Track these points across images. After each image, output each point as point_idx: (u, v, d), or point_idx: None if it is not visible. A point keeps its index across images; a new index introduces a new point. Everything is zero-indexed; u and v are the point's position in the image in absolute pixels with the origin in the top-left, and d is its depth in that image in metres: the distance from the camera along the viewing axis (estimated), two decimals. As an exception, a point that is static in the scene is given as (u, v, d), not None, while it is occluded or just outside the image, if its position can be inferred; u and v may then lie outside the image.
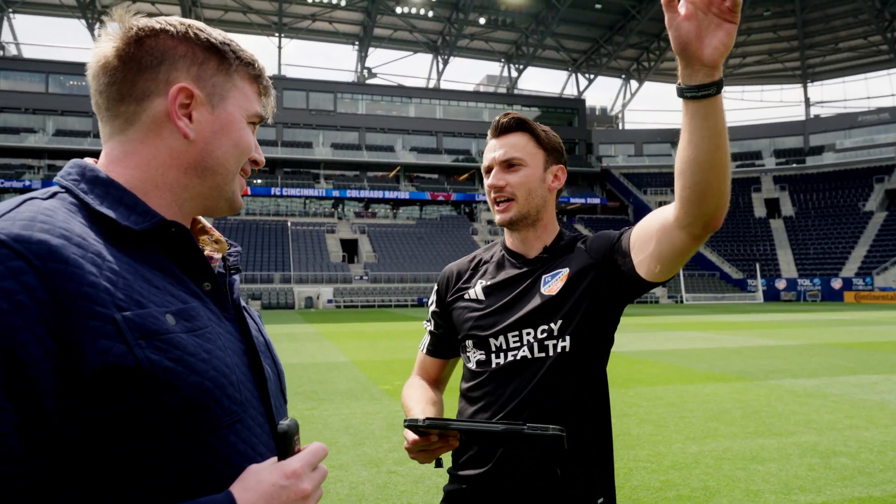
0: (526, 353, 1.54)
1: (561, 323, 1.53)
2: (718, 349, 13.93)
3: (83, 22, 50.79)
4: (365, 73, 59.01)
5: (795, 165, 60.07)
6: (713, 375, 9.95)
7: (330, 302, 39.87)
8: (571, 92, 64.96)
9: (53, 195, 0.85)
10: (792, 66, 62.89)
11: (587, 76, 63.75)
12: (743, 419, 6.79)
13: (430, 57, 60.58)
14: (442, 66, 59.97)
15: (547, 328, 1.54)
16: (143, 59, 0.89)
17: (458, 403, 1.68)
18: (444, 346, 1.77)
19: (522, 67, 61.59)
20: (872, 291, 42.91)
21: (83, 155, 0.95)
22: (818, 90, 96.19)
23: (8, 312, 0.69)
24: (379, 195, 54.71)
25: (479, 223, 55.66)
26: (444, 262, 46.57)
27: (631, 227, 1.51)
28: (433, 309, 1.78)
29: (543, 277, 1.60)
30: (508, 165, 1.60)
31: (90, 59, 0.91)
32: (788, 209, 56.08)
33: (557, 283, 1.58)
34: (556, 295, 1.55)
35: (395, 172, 57.69)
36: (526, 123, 1.63)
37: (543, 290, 1.58)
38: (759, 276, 46.66)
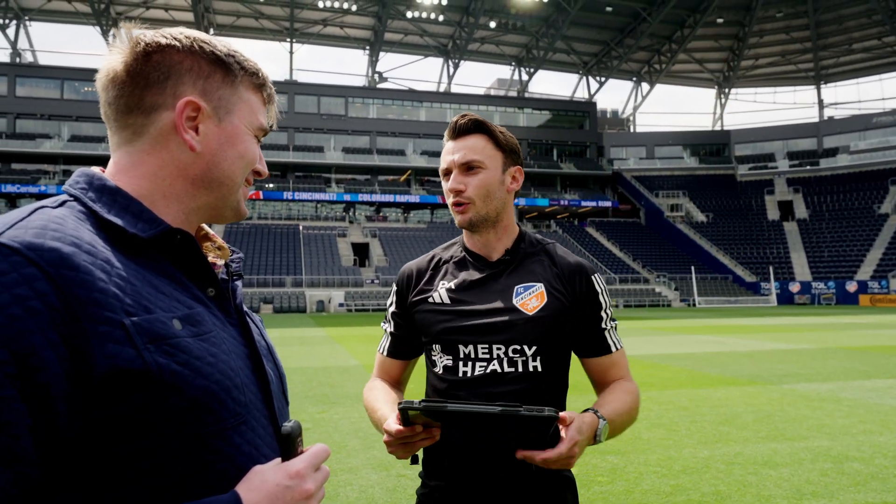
0: (496, 367, 1.53)
1: (536, 348, 1.54)
2: (731, 353, 13.83)
3: (97, 28, 51.40)
4: (376, 77, 59.24)
5: (809, 168, 59.55)
6: (725, 379, 9.88)
7: (341, 305, 39.96)
8: (582, 95, 64.87)
9: (62, 203, 0.87)
10: (805, 67, 62.42)
11: (598, 79, 63.62)
12: (755, 423, 6.74)
13: (440, 61, 60.73)
14: (452, 69, 60.10)
15: (519, 349, 1.54)
16: (150, 74, 0.91)
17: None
18: (404, 347, 1.74)
19: (533, 71, 61.56)
20: (888, 294, 42.41)
21: (98, 160, 0.97)
22: (832, 92, 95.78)
23: (21, 318, 0.71)
24: (390, 199, 54.83)
25: (490, 226, 55.53)
26: (455, 265, 46.52)
27: (611, 334, 1.65)
28: (393, 310, 1.75)
29: (516, 288, 1.59)
30: (468, 168, 1.58)
31: (100, 70, 0.94)
32: (802, 212, 55.60)
33: (532, 300, 1.57)
34: (532, 316, 1.54)
35: (406, 176, 57.81)
36: (484, 125, 1.61)
37: (516, 302, 1.57)
38: (772, 279, 46.28)
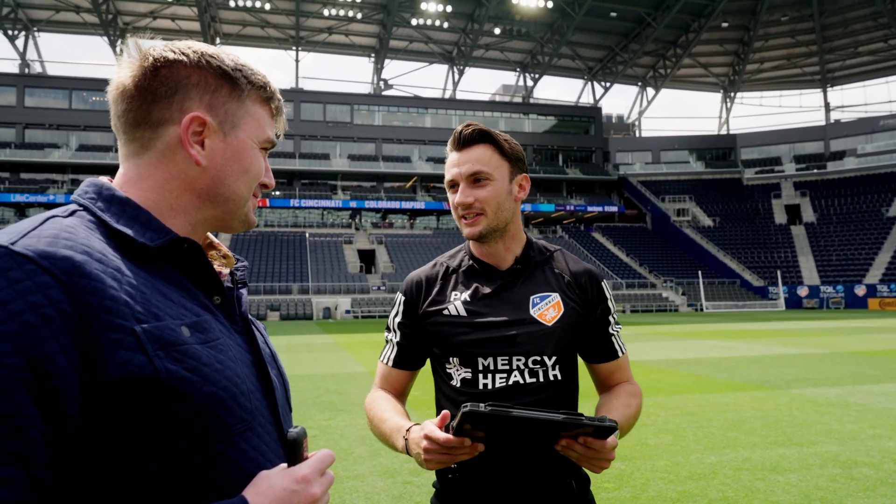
0: (518, 378, 1.52)
1: (556, 358, 1.55)
2: (739, 358, 13.76)
3: (105, 39, 51.83)
4: (381, 84, 59.46)
5: (816, 171, 59.33)
6: (733, 384, 9.83)
7: (348, 312, 40.01)
8: (587, 100, 64.91)
9: (73, 213, 0.89)
10: (811, 70, 62.28)
11: (603, 84, 63.66)
12: (763, 429, 6.70)
13: (445, 67, 60.93)
14: (457, 76, 60.27)
15: (540, 359, 1.54)
16: (158, 89, 0.92)
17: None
18: (412, 357, 1.69)
19: (538, 76, 61.65)
20: (898, 298, 42.15)
21: (106, 169, 0.99)
22: (838, 95, 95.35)
23: (35, 325, 0.72)
24: (396, 206, 54.95)
25: (496, 232, 55.57)
26: (461, 271, 46.51)
27: (615, 340, 1.67)
28: (400, 320, 1.69)
29: (532, 298, 1.57)
30: (475, 180, 1.56)
31: (110, 83, 0.95)
32: (809, 215, 55.35)
33: (550, 310, 1.56)
34: (550, 328, 1.54)
35: (411, 183, 57.93)
36: (489, 135, 1.59)
37: (534, 312, 1.56)
38: (780, 283, 46.05)
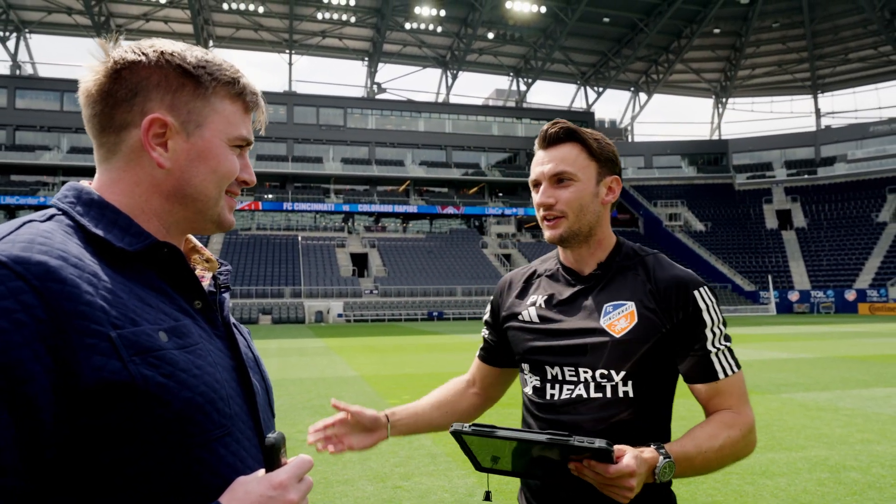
0: (581, 391, 1.45)
1: (624, 374, 1.42)
2: (730, 362, 13.79)
3: (98, 41, 51.58)
4: (374, 88, 59.48)
5: (807, 176, 59.74)
6: (724, 389, 9.85)
7: (340, 316, 39.93)
8: (580, 105, 65.12)
9: (51, 217, 0.88)
10: (802, 77, 62.72)
11: (596, 89, 63.89)
12: (753, 433, 6.72)
13: (439, 71, 60.99)
14: (451, 80, 60.34)
15: (607, 373, 1.43)
16: (118, 92, 0.91)
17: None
18: (495, 355, 1.70)
19: (531, 81, 61.82)
20: (887, 303, 42.42)
21: (97, 171, 0.98)
22: (828, 101, 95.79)
23: (8, 330, 0.72)
24: (389, 209, 54.90)
25: (489, 236, 55.66)
26: (454, 275, 46.58)
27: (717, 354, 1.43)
28: (487, 318, 1.72)
29: (605, 307, 1.47)
30: (558, 180, 1.49)
31: (79, 88, 0.94)
32: (800, 220, 55.69)
33: (621, 320, 1.44)
34: (619, 339, 1.42)
35: (404, 186, 57.91)
36: (576, 133, 1.50)
37: (604, 322, 1.45)
38: (771, 287, 46.27)
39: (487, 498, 1.33)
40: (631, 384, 1.42)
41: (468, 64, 59.75)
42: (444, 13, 51.67)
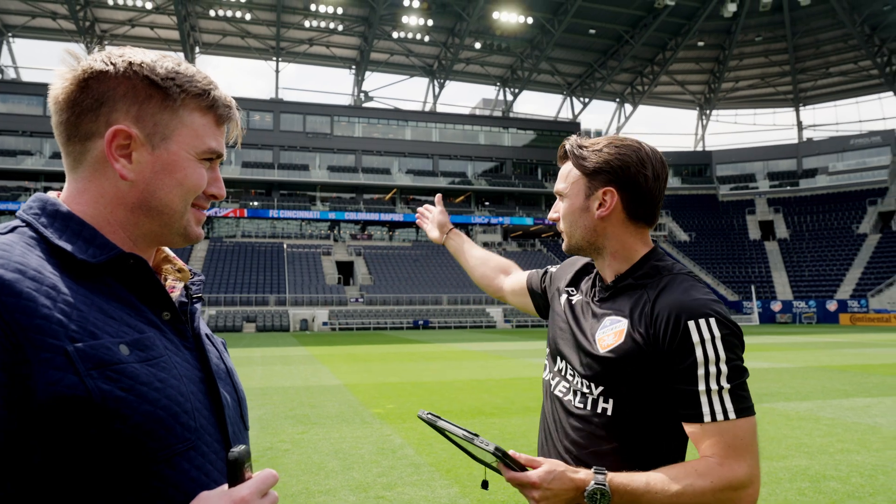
0: (569, 396, 1.46)
1: (602, 389, 1.39)
2: (713, 372, 13.87)
3: (82, 46, 51.22)
4: (362, 96, 59.49)
5: (789, 188, 60.54)
6: (706, 398, 9.90)
7: (325, 324, 39.71)
8: (567, 115, 65.55)
9: (13, 229, 0.88)
10: (784, 90, 63.61)
11: (582, 100, 64.36)
12: (735, 443, 6.75)
13: (426, 81, 61.16)
14: (438, 89, 60.52)
15: (587, 385, 1.42)
16: (84, 101, 0.90)
17: None
18: (535, 290, 1.83)
19: (518, 91, 62.16)
20: (868, 313, 42.93)
21: (66, 180, 0.98)
22: (810, 114, 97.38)
23: None
24: (375, 217, 54.81)
25: (474, 245, 55.66)
26: (439, 284, 46.53)
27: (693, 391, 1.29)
28: (551, 271, 1.80)
29: (605, 319, 1.44)
30: (560, 196, 1.54)
31: (48, 94, 0.94)
32: (783, 231, 56.34)
33: (609, 336, 1.40)
34: (600, 355, 1.39)
35: (391, 195, 57.89)
36: (569, 149, 1.51)
37: (598, 334, 1.43)
38: (754, 298, 46.69)
39: (484, 486, 1.35)
40: (612, 403, 1.37)
41: (455, 73, 59.98)
42: (431, 23, 51.88)
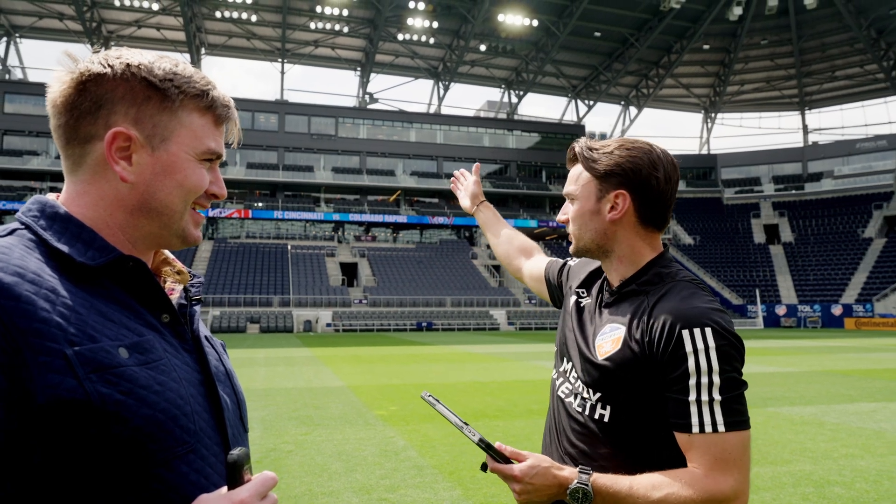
0: (571, 399, 1.46)
1: (599, 395, 1.39)
2: (717, 376, 13.82)
3: (89, 46, 51.44)
4: (366, 98, 59.57)
5: (794, 192, 60.36)
6: (710, 402, 9.87)
7: (329, 326, 39.75)
8: (571, 118, 65.51)
9: (13, 232, 0.88)
10: (789, 93, 63.46)
11: (587, 102, 64.33)
12: (738, 447, 6.73)
13: (431, 83, 61.20)
14: (443, 91, 60.56)
15: (586, 391, 1.42)
16: (82, 103, 0.90)
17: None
18: (551, 280, 1.83)
19: (522, 93, 62.17)
20: (873, 318, 42.76)
21: (65, 183, 0.98)
22: (816, 117, 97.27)
23: None
24: (379, 219, 54.86)
25: (479, 247, 55.73)
26: (443, 285, 46.52)
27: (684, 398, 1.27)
28: (569, 263, 1.80)
29: (606, 325, 1.43)
30: (570, 199, 1.54)
31: (46, 97, 0.93)
32: (788, 235, 56.18)
33: (607, 343, 1.40)
34: (597, 362, 1.39)
35: (395, 196, 57.93)
36: (578, 152, 1.52)
37: (598, 340, 1.43)
38: (759, 301, 46.56)
39: (484, 469, 1.36)
40: (609, 410, 1.36)
41: (460, 75, 60.02)
42: (436, 25, 51.93)
